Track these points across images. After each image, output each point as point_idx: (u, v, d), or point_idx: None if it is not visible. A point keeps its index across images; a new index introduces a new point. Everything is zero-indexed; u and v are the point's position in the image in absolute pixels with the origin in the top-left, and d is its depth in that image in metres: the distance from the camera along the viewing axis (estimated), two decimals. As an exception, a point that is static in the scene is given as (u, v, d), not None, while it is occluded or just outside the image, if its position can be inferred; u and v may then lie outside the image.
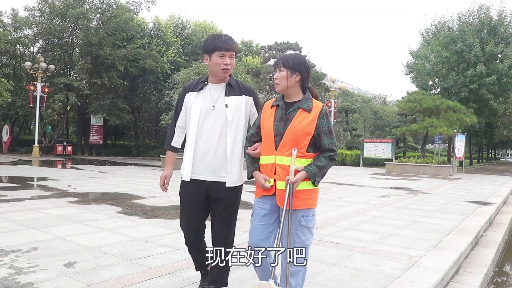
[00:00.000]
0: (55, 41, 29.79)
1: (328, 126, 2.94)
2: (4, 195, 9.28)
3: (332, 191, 12.45)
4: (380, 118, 57.01)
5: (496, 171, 31.15)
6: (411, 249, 5.41)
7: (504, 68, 26.14)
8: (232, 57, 3.15)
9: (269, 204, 2.97)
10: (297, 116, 2.89)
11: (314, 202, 2.99)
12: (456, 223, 7.52)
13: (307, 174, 2.82)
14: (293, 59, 2.96)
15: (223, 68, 3.10)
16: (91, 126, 30.96)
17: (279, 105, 3.00)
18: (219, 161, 3.13)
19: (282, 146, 2.88)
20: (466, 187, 15.82)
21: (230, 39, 3.15)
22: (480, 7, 28.76)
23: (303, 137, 2.85)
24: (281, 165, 2.87)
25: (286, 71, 2.92)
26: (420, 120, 23.79)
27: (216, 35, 3.21)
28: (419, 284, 3.98)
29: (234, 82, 3.24)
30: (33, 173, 15.46)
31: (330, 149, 2.90)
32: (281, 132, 2.90)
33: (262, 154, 3.01)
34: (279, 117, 2.96)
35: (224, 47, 3.09)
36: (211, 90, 3.19)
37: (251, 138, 3.12)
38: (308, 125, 2.86)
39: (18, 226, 6.13)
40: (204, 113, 3.14)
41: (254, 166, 3.05)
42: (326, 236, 6.03)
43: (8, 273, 3.99)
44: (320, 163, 2.86)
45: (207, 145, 3.12)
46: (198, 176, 3.16)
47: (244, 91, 3.24)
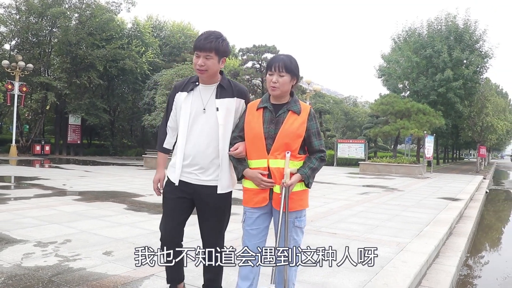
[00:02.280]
0: (33, 40, 29.68)
1: (317, 127, 2.96)
2: (6, 194, 9.70)
3: (315, 188, 13.28)
4: (351, 119, 58.59)
5: (461, 170, 32.81)
6: (398, 237, 6.26)
7: (469, 73, 27.75)
8: (207, 57, 2.93)
9: (260, 208, 2.96)
10: (288, 119, 2.88)
11: (306, 202, 3.03)
12: (432, 216, 8.45)
13: (302, 177, 2.84)
14: (295, 64, 2.93)
15: (197, 68, 2.96)
16: (69, 125, 31.03)
17: (267, 107, 2.95)
18: (209, 165, 3.02)
19: (275, 149, 2.85)
20: (436, 185, 16.96)
21: (206, 38, 2.94)
22: (448, 15, 30.31)
23: (295, 139, 2.85)
24: (277, 168, 2.85)
25: (289, 77, 2.88)
26: (392, 122, 24.99)
27: (202, 34, 3.05)
28: (410, 264, 4.80)
29: (226, 83, 3.09)
30: (21, 172, 15.72)
31: (320, 150, 2.94)
32: (272, 135, 2.87)
33: (251, 158, 2.96)
34: (268, 119, 2.91)
35: (198, 47, 2.93)
36: (201, 91, 3.06)
37: (233, 140, 3.04)
38: (299, 127, 2.86)
39: (40, 221, 6.65)
40: (194, 116, 3.02)
41: (243, 165, 2.97)
42: (322, 228, 6.82)
43: (58, 261, 4.57)
44: (313, 164, 2.90)
45: (195, 148, 3.01)
46: (185, 178, 3.06)
47: (236, 93, 3.09)
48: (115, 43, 28.44)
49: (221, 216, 3.12)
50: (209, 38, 2.93)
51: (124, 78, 31.22)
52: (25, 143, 29.65)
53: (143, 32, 30.99)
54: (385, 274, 4.39)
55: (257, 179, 2.88)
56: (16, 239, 5.44)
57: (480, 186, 18.50)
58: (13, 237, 5.52)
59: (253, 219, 2.97)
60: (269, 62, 2.98)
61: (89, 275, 4.15)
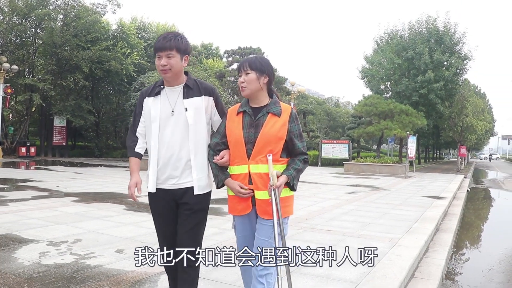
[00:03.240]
0: (16, 41, 29.52)
1: (299, 129, 2.90)
2: (4, 196, 9.82)
3: (304, 188, 13.66)
4: (333, 119, 59.33)
5: (442, 170, 33.65)
6: (390, 233, 6.66)
7: (450, 75, 28.60)
8: (169, 56, 2.89)
9: (246, 216, 2.92)
10: (268, 121, 2.81)
11: (291, 209, 2.97)
12: (419, 214, 8.89)
13: (288, 178, 2.77)
14: (261, 61, 2.89)
15: (160, 69, 2.91)
16: (55, 127, 30.91)
17: (246, 111, 2.89)
18: (183, 167, 2.95)
19: (255, 153, 2.79)
20: (420, 184, 17.52)
21: (165, 38, 2.92)
22: (428, 18, 31.10)
23: (276, 142, 2.78)
24: (258, 174, 2.79)
25: (255, 74, 2.82)
26: (376, 123, 25.58)
27: (160, 35, 3.01)
28: (404, 257, 5.18)
29: (192, 83, 3.04)
30: (11, 174, 15.77)
31: (303, 152, 2.88)
32: (252, 139, 2.81)
33: (233, 164, 2.90)
34: (248, 123, 2.86)
35: (158, 47, 2.90)
36: (168, 94, 3.00)
37: (216, 146, 2.97)
38: (280, 130, 2.79)
39: (46, 222, 6.86)
40: (164, 119, 2.95)
41: (225, 174, 2.92)
42: (318, 225, 7.18)
43: (74, 259, 4.82)
44: (297, 166, 2.83)
45: (168, 152, 2.94)
46: (163, 186, 2.98)
47: (203, 91, 3.04)
48: (101, 44, 28.42)
49: (198, 218, 3.01)
50: (167, 37, 2.91)
51: (109, 80, 31.22)
52: (10, 145, 29.45)
53: (128, 34, 31.03)
54: (383, 266, 4.76)
55: (235, 191, 2.84)
56: (27, 239, 5.67)
57: (461, 185, 19.12)
58: (25, 237, 5.75)
59: (242, 225, 2.94)
60: (237, 66, 2.97)
61: (107, 271, 4.42)
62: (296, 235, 6.35)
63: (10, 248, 5.16)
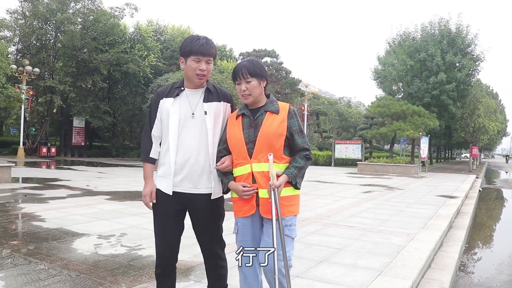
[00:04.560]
0: (37, 44, 30.42)
1: (299, 125, 2.88)
2: (41, 194, 10.50)
3: (321, 188, 14.22)
4: (345, 119, 59.66)
5: (454, 170, 33.94)
6: (407, 229, 7.19)
7: (462, 76, 28.94)
8: (209, 62, 2.90)
9: (250, 217, 2.90)
10: (266, 120, 2.82)
11: (297, 208, 2.92)
12: (433, 212, 9.40)
13: (288, 177, 2.75)
14: (258, 66, 2.89)
15: (197, 74, 2.87)
16: (74, 128, 31.77)
17: (245, 113, 2.90)
18: (200, 172, 2.92)
19: (256, 152, 2.79)
20: (433, 184, 17.97)
21: (208, 43, 2.89)
22: (441, 20, 31.45)
23: (276, 139, 2.78)
24: (260, 172, 2.78)
25: (256, 80, 2.82)
26: (388, 124, 26.02)
27: (194, 37, 2.95)
28: (421, 250, 5.72)
29: (212, 87, 3.02)
30: (39, 174, 16.51)
31: (304, 148, 2.85)
32: (252, 138, 2.81)
33: (236, 166, 2.89)
34: (247, 124, 2.86)
35: (201, 51, 2.85)
36: (188, 96, 2.96)
37: (219, 153, 2.96)
38: (279, 126, 2.80)
39: (89, 218, 7.48)
40: (183, 122, 2.91)
41: (229, 177, 2.91)
42: (339, 222, 7.74)
43: (126, 250, 5.40)
44: (298, 163, 2.80)
45: (186, 155, 2.90)
46: (178, 189, 2.93)
47: (222, 97, 3.03)
48: (118, 47, 29.18)
49: (217, 221, 3.05)
50: (210, 43, 2.90)
51: (126, 81, 31.97)
52: (31, 145, 30.35)
53: (145, 37, 31.76)
54: (402, 257, 5.30)
55: (239, 192, 2.83)
56: (78, 232, 6.28)
57: (473, 184, 19.52)
58: (75, 231, 6.36)
59: (245, 229, 2.91)
60: (232, 72, 2.94)
61: None
62: (320, 230, 6.91)
63: (67, 241, 5.77)
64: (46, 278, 4.15)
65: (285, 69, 33.79)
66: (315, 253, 5.37)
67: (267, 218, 2.77)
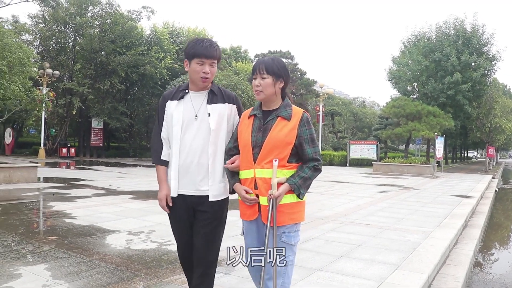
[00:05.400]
0: (56, 47, 31.14)
1: (310, 134, 2.75)
2: (68, 193, 10.93)
3: (337, 187, 14.47)
4: (359, 119, 59.66)
5: (470, 170, 33.84)
6: (422, 227, 7.44)
7: (478, 76, 28.85)
8: (212, 65, 2.91)
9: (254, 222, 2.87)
10: (276, 125, 2.72)
11: (301, 216, 2.81)
12: (449, 211, 9.62)
13: (290, 187, 2.65)
14: (277, 65, 2.79)
15: (202, 76, 2.88)
16: (92, 129, 32.44)
17: (257, 115, 2.83)
18: (202, 174, 2.92)
19: (261, 158, 2.70)
20: (448, 184, 18.09)
21: (211, 45, 2.90)
22: (456, 20, 31.39)
23: (283, 147, 2.68)
24: (262, 179, 2.70)
25: (271, 78, 2.73)
26: (403, 124, 26.13)
27: (197, 40, 2.95)
28: (436, 246, 5.98)
29: (217, 89, 3.02)
30: (62, 174, 17.02)
31: (313, 159, 2.73)
32: (259, 143, 2.73)
33: (241, 168, 2.83)
34: (257, 127, 2.79)
35: (204, 54, 2.86)
36: (192, 98, 2.98)
37: (229, 151, 2.93)
38: (288, 134, 2.69)
39: (117, 216, 7.84)
40: (186, 123, 2.92)
41: (235, 179, 2.87)
42: (356, 220, 8.02)
43: (156, 245, 5.73)
44: (305, 174, 2.69)
45: (189, 157, 2.91)
46: (183, 191, 2.94)
47: (227, 98, 3.02)
48: (135, 49, 29.73)
49: (213, 225, 2.97)
50: (213, 46, 2.90)
51: (143, 83, 32.52)
52: (52, 146, 31.06)
53: (161, 39, 32.24)
54: (418, 253, 5.57)
55: (241, 197, 2.80)
56: (109, 229, 6.65)
57: (489, 185, 19.58)
58: (106, 228, 6.73)
59: (251, 231, 2.88)
60: (253, 66, 2.89)
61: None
62: (338, 228, 7.19)
63: (99, 236, 6.14)
64: (87, 270, 4.50)
65: (300, 70, 34.05)
66: (334, 249, 5.67)
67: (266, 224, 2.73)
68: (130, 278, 4.33)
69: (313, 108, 32.36)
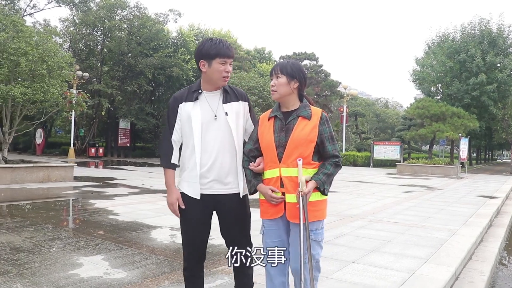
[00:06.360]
0: (85, 49, 32.10)
1: (330, 132, 2.89)
2: (105, 192, 11.50)
3: (362, 188, 14.78)
4: (382, 120, 59.51)
5: (495, 171, 33.60)
6: (448, 225, 7.75)
7: (503, 77, 28.64)
8: (231, 64, 2.99)
9: (277, 220, 2.93)
10: (298, 125, 2.83)
11: (324, 213, 2.92)
12: (474, 211, 9.87)
13: (316, 184, 2.76)
14: (292, 66, 2.91)
15: (224, 76, 2.92)
16: (120, 129, 33.30)
17: (277, 116, 2.92)
18: (227, 171, 2.95)
19: (286, 157, 2.80)
20: (473, 184, 18.20)
21: (230, 46, 2.99)
22: (481, 20, 31.18)
23: (307, 145, 2.80)
24: (288, 177, 2.79)
25: (285, 78, 2.86)
26: (427, 125, 26.20)
27: (213, 40, 2.98)
28: (462, 243, 6.29)
29: (228, 88, 3.06)
30: (95, 173, 17.73)
31: (334, 155, 2.85)
32: (283, 143, 2.83)
33: (266, 169, 2.92)
34: (279, 128, 2.88)
35: (227, 53, 2.92)
36: (207, 98, 2.99)
37: (250, 153, 2.99)
38: (310, 133, 2.81)
39: (156, 213, 8.28)
40: (206, 124, 2.93)
41: (258, 179, 2.94)
42: (384, 218, 8.36)
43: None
44: (327, 170, 2.81)
45: (212, 157, 2.92)
46: (206, 191, 2.94)
47: (239, 96, 3.08)
48: (162, 51, 30.39)
49: (245, 219, 3.06)
50: (230, 46, 2.97)
51: (170, 84, 33.20)
52: (80, 146, 32.01)
53: (187, 41, 32.87)
54: (445, 249, 5.90)
55: (267, 196, 2.87)
56: (151, 225, 7.13)
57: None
58: (148, 224, 7.21)
59: (272, 231, 2.94)
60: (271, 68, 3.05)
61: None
62: (367, 225, 7.55)
63: (144, 232, 6.62)
64: (140, 261, 4.96)
65: (325, 72, 34.35)
66: (365, 244, 6.04)
67: (294, 222, 2.81)
68: (181, 268, 4.76)
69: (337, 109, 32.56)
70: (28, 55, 12.72)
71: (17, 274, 4.30)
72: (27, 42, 13.01)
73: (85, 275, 4.34)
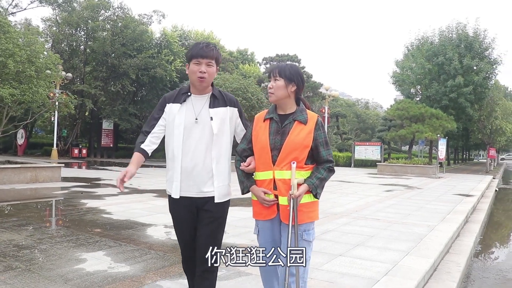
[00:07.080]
0: (68, 50, 31.99)
1: (325, 137, 2.91)
2: (94, 192, 11.69)
3: (345, 187, 15.24)
4: (363, 121, 60.33)
5: (471, 171, 34.52)
6: (427, 222, 8.21)
7: (479, 79, 29.59)
8: (209, 64, 2.95)
9: (271, 221, 2.96)
10: (294, 129, 2.85)
11: (316, 214, 2.97)
12: (451, 208, 10.38)
13: (309, 187, 2.80)
14: (290, 69, 2.92)
15: (198, 76, 2.92)
16: (103, 130, 33.26)
17: (273, 118, 2.94)
18: (205, 176, 2.97)
19: (280, 160, 2.83)
20: (450, 184, 18.84)
21: (207, 46, 2.98)
22: (458, 24, 32.13)
23: (302, 149, 2.82)
24: (282, 180, 2.83)
25: (283, 81, 2.87)
26: (407, 126, 26.88)
27: (196, 43, 3.04)
28: (440, 238, 6.74)
29: (218, 93, 3.08)
30: (81, 174, 17.82)
31: (328, 160, 2.89)
32: (278, 146, 2.84)
33: (258, 170, 2.95)
34: (274, 130, 2.90)
35: (200, 54, 2.93)
36: (193, 102, 3.03)
37: (243, 153, 3.04)
38: (305, 138, 2.83)
39: (148, 212, 8.54)
40: (188, 127, 2.96)
41: (250, 181, 2.99)
42: (367, 215, 8.79)
43: (191, 235, 6.50)
44: (321, 175, 2.85)
45: (193, 160, 2.95)
46: (186, 193, 2.99)
47: (228, 102, 3.09)
48: (146, 52, 30.48)
49: (216, 225, 3.04)
50: (209, 46, 2.98)
51: (153, 85, 33.29)
52: (63, 147, 31.87)
53: (170, 42, 33.01)
54: (425, 243, 6.33)
55: (260, 199, 2.91)
56: (145, 223, 7.39)
57: (490, 185, 20.31)
58: (142, 222, 7.47)
59: (265, 231, 2.98)
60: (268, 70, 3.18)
61: (232, 244, 5.80)
62: (351, 222, 7.96)
63: (139, 229, 6.89)
64: (141, 256, 5.25)
65: (307, 73, 34.86)
66: (351, 239, 6.43)
67: (286, 224, 2.83)
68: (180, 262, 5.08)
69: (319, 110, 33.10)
70: (16, 56, 12.82)
71: (25, 269, 4.53)
72: (15, 43, 13.10)
73: (90, 269, 4.59)
